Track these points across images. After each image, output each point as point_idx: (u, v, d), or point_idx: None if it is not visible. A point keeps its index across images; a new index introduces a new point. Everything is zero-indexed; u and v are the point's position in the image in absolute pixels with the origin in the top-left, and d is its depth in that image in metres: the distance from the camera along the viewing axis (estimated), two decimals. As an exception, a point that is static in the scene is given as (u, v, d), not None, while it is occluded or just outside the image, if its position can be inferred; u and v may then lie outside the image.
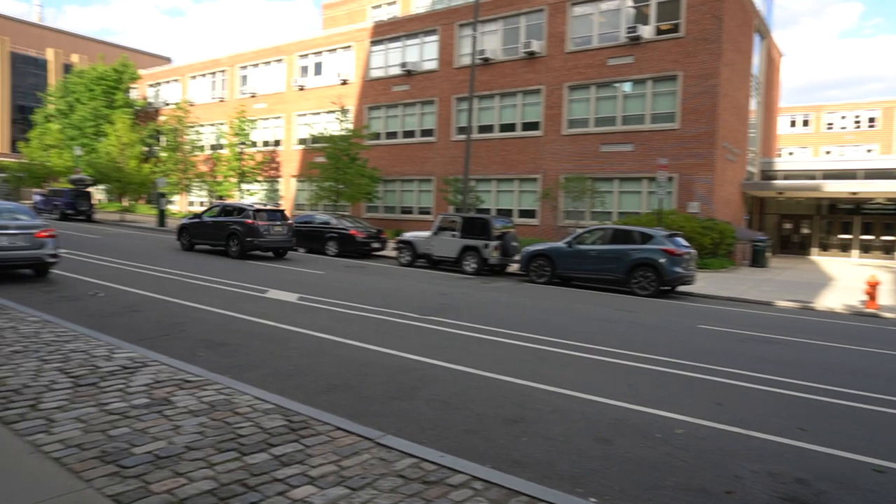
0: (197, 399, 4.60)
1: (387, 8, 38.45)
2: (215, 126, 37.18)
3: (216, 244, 18.25)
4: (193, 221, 19.42)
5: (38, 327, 6.65)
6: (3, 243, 10.39)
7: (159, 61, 62.41)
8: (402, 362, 6.62)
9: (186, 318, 8.29)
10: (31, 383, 4.71)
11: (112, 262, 14.19)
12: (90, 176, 36.23)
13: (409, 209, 29.40)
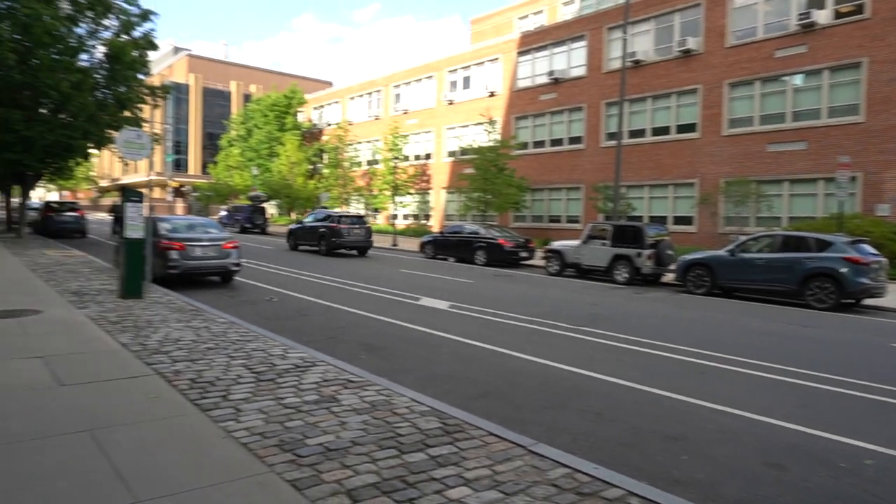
0: (360, 398, 4.92)
1: (533, 18, 38.55)
2: (371, 143, 39.52)
3: (312, 244, 22.35)
4: (297, 227, 24.01)
5: (225, 328, 7.50)
6: (198, 254, 11.86)
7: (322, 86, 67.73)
8: (554, 372, 6.57)
9: (348, 323, 8.89)
10: (222, 377, 5.33)
11: (282, 271, 15.61)
12: (264, 193, 40.25)
13: (557, 218, 29.10)
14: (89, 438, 3.77)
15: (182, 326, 7.46)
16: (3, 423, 3.96)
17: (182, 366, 5.62)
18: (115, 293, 9.80)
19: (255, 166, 45.77)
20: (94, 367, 5.40)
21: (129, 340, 6.55)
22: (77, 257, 16.28)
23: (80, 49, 22.42)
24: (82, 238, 26.63)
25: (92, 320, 7.58)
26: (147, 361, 5.70)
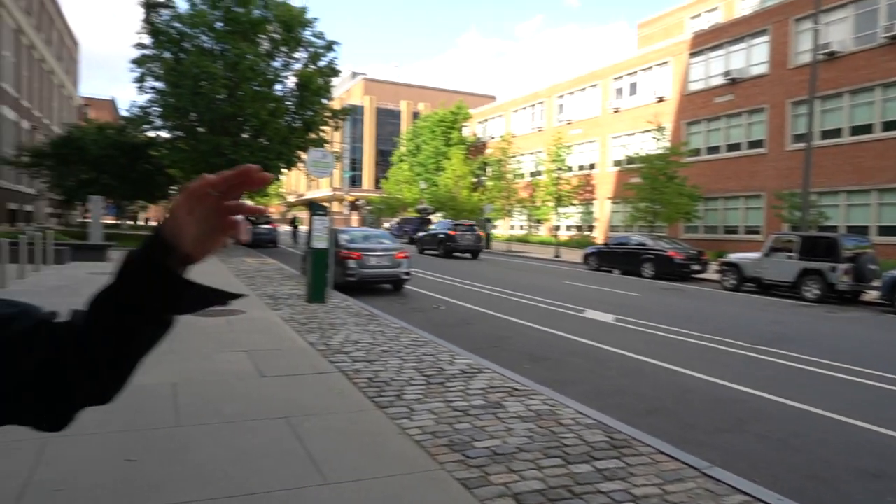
0: (525, 406, 4.99)
1: (707, 16, 36.28)
2: (534, 154, 39.65)
3: (433, 248, 26.45)
4: (423, 234, 28.44)
5: (398, 332, 8.00)
6: (373, 263, 12.76)
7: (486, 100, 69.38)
8: (730, 393, 6.13)
9: (512, 333, 9.03)
10: (396, 378, 5.71)
11: (447, 280, 16.21)
12: (431, 205, 42.09)
13: (733, 229, 26.97)
14: (286, 424, 4.26)
15: (360, 330, 8.09)
16: (219, 406, 4.61)
17: (361, 366, 6.10)
18: (303, 297, 10.87)
19: (423, 180, 48.10)
20: (288, 362, 6.07)
21: (316, 340, 7.24)
22: (271, 265, 18.28)
23: (275, 80, 25.26)
24: (274, 248, 29.80)
25: (284, 321, 8.50)
26: (331, 360, 6.27)
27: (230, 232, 0.80)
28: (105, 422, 4.06)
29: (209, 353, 6.26)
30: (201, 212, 0.75)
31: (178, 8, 24.23)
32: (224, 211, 0.77)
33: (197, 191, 0.75)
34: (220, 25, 23.55)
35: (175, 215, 0.76)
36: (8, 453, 3.45)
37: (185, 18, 23.77)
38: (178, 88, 22.45)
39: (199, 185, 0.75)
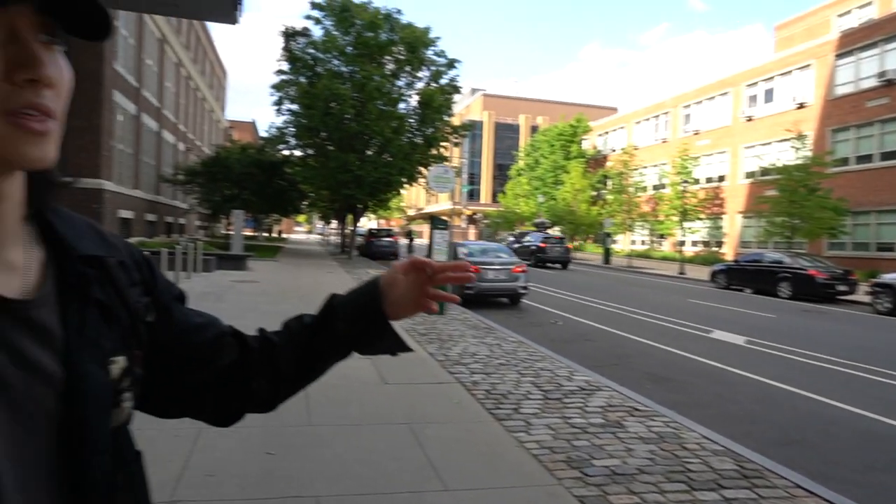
0: (646, 427, 4.84)
1: (857, 13, 33.20)
2: (658, 166, 38.17)
3: (526, 259, 23.78)
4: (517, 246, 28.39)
5: (515, 346, 8.03)
6: (491, 276, 12.89)
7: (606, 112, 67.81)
8: (883, 428, 5.56)
9: (632, 351, 8.75)
10: (513, 391, 5.74)
11: (562, 294, 15.98)
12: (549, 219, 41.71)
13: (888, 246, 24.34)
14: (408, 430, 4.44)
15: (477, 342, 8.21)
16: (346, 408, 4.89)
17: (478, 377, 6.21)
18: (423, 308, 11.19)
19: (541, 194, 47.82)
20: (410, 371, 6.30)
21: (435, 351, 7.45)
22: (392, 276, 18.95)
23: (399, 99, 26.32)
24: (395, 259, 30.92)
25: (405, 331, 8.81)
26: (450, 371, 6.43)
27: (423, 308, 0.96)
28: (247, 419, 4.44)
29: (337, 359, 6.65)
30: (413, 279, 0.93)
31: (313, 35, 26.03)
32: (426, 290, 0.95)
33: (418, 263, 0.93)
34: (351, 49, 24.99)
35: (394, 271, 0.95)
36: (169, 440, 3.89)
37: (318, 45, 25.48)
38: (311, 110, 24.05)
39: (421, 260, 0.94)
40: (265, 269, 19.05)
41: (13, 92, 0.55)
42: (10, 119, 0.55)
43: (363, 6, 25.54)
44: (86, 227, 0.72)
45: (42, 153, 0.58)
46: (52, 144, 0.58)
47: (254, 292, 12.73)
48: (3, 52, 0.54)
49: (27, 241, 0.65)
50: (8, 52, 0.55)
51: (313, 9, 25.85)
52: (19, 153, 0.56)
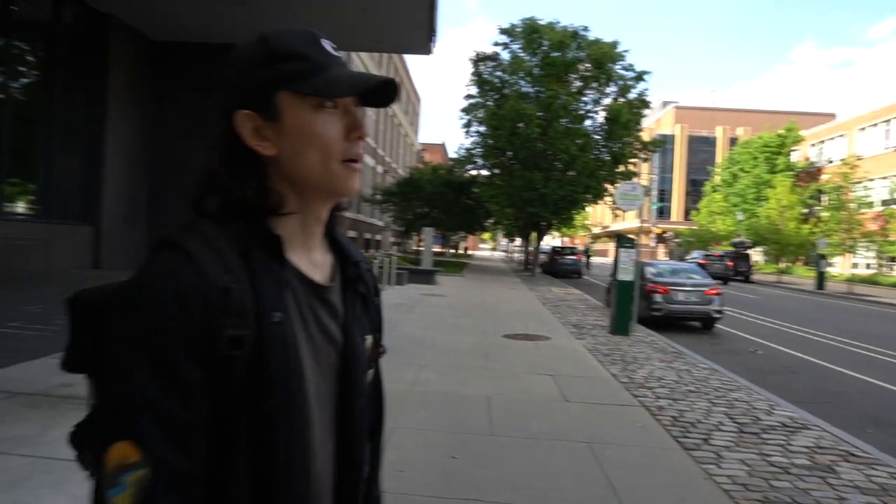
0: (865, 476, 4.27)
1: None
2: (888, 179, 33.09)
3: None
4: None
5: (707, 373, 7.52)
6: (681, 298, 12.19)
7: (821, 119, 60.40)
8: None
9: (848, 388, 7.72)
10: (703, 420, 5.40)
11: (768, 322, 14.50)
12: (749, 239, 38.11)
13: None
14: (588, 449, 4.40)
15: (664, 366, 7.83)
16: (526, 422, 4.99)
17: (664, 403, 5.93)
18: (606, 329, 10.94)
19: (740, 211, 43.89)
20: (591, 390, 6.22)
21: (618, 372, 7.26)
22: (575, 295, 18.75)
23: (585, 117, 26.08)
24: (578, 278, 30.43)
25: (588, 350, 8.69)
26: (633, 393, 6.23)
27: None
28: (434, 422, 4.75)
29: (519, 374, 6.77)
30: None
31: (501, 59, 26.89)
32: None
33: None
34: (537, 70, 25.38)
35: None
36: (366, 434, 4.30)
37: (506, 67, 26.25)
38: (498, 131, 24.81)
39: None
40: (452, 284, 19.93)
41: (348, 146, 0.84)
42: (345, 165, 0.84)
43: (551, 26, 25.84)
44: (351, 243, 1.00)
45: (358, 185, 0.88)
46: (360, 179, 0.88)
47: (441, 305, 13.40)
48: (342, 122, 0.84)
49: (325, 249, 0.93)
50: (345, 121, 0.84)
51: (501, 34, 26.72)
52: (348, 187, 0.86)
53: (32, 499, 2.95)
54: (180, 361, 0.72)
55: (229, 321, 0.74)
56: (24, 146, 13.02)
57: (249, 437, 0.75)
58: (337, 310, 0.90)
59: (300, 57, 0.81)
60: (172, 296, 0.73)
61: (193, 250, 0.76)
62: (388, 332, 4.10)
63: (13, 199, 12.72)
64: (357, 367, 0.90)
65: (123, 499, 0.68)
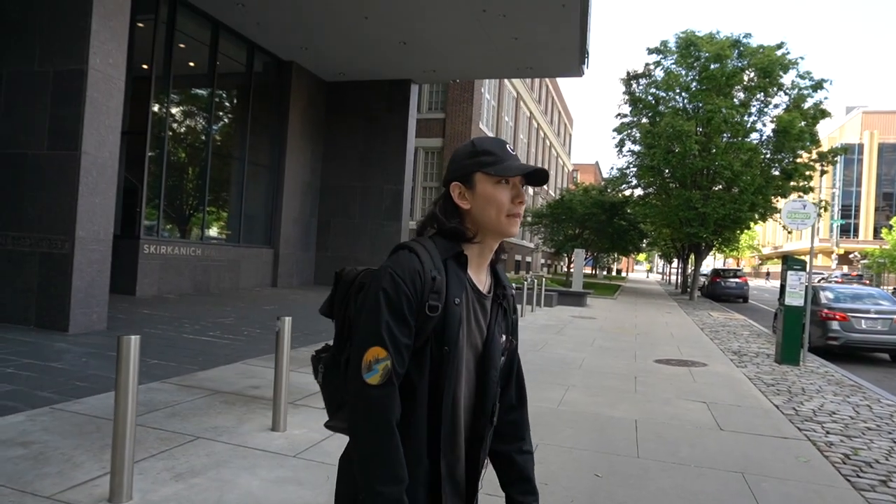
0: None
1: None
2: None
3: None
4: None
5: (892, 411, 6.76)
6: (863, 326, 10.98)
7: None
8: None
9: None
10: (883, 461, 4.92)
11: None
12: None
13: None
14: (741, 478, 4.24)
15: (839, 400, 7.16)
16: (675, 447, 4.90)
17: (835, 439, 5.47)
18: (772, 357, 10.17)
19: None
20: (748, 420, 5.90)
21: (782, 403, 6.78)
22: (738, 320, 17.50)
23: (750, 130, 24.40)
24: (744, 303, 28.23)
25: (748, 379, 8.18)
26: (798, 426, 5.81)
27: None
28: (579, 441, 4.84)
29: (669, 399, 6.60)
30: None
31: (654, 76, 26.09)
32: None
33: None
34: (695, 85, 24.25)
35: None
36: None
37: (660, 84, 25.39)
38: (653, 149, 23.99)
39: None
40: (603, 307, 19.54)
41: (512, 207, 1.35)
42: (509, 218, 1.35)
43: (709, 38, 24.63)
44: (504, 274, 1.51)
45: (517, 231, 1.42)
46: (518, 228, 1.39)
47: (591, 328, 13.27)
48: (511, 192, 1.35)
49: (488, 273, 1.45)
50: (512, 192, 1.36)
51: (650, 54, 25.98)
52: (510, 231, 1.37)
53: (232, 477, 3.54)
54: (405, 311, 1.25)
55: (433, 296, 1.27)
56: (221, 180, 15.08)
57: (431, 365, 1.29)
58: (487, 312, 1.39)
59: (490, 153, 1.35)
60: (410, 273, 1.26)
61: (419, 252, 1.30)
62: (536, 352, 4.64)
63: (210, 225, 14.74)
64: (493, 349, 1.38)
65: (377, 377, 1.22)
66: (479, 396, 1.37)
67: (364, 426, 1.22)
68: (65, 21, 7.72)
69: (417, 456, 1.27)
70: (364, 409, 1.22)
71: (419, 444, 1.28)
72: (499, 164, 1.33)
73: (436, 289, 1.26)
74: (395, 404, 1.23)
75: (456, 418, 1.33)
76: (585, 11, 12.29)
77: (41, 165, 7.75)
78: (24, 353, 6.28)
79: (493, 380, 1.38)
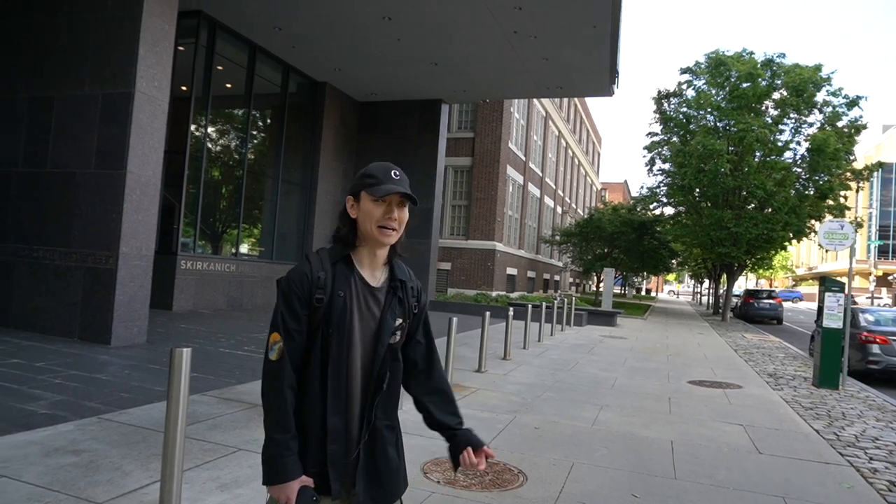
0: None
1: None
2: None
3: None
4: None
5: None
6: (904, 350, 10.68)
7: None
8: None
9: None
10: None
11: None
12: None
13: None
14: (781, 502, 4.18)
15: (882, 426, 6.98)
16: (713, 469, 4.84)
17: (880, 465, 5.34)
18: (809, 380, 9.95)
19: None
20: (787, 444, 5.79)
21: (822, 428, 6.63)
22: (772, 342, 17.15)
23: (783, 149, 24.07)
24: (778, 324, 27.63)
25: (785, 402, 8.02)
26: (840, 452, 5.68)
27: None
28: (615, 461, 4.82)
29: (705, 421, 6.51)
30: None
31: (685, 95, 25.94)
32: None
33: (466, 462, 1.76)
34: (726, 104, 24.05)
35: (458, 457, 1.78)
36: (549, 467, 4.52)
37: (691, 103, 25.24)
38: (684, 168, 23.79)
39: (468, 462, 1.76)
40: (633, 327, 19.33)
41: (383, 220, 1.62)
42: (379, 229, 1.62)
43: (738, 57, 24.48)
44: (405, 269, 1.78)
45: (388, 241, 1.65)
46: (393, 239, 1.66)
47: (622, 348, 13.14)
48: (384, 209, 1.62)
49: (383, 269, 1.72)
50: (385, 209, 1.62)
51: (682, 73, 25.88)
52: (382, 241, 1.64)
53: (275, 489, 3.61)
54: (296, 304, 1.59)
55: (318, 291, 1.60)
56: (255, 198, 15.39)
57: (320, 345, 1.60)
58: (380, 300, 1.68)
59: (373, 177, 1.64)
60: (299, 275, 1.61)
61: (311, 258, 1.65)
62: (567, 371, 4.70)
63: (244, 242, 15.03)
64: (383, 330, 1.66)
65: (275, 355, 1.56)
66: (370, 367, 1.65)
67: (266, 391, 1.58)
68: (115, 47, 8.05)
69: (312, 411, 1.59)
70: (266, 378, 1.59)
71: (314, 402, 1.59)
72: (376, 185, 1.61)
73: (321, 285, 1.59)
74: (287, 374, 1.56)
75: (350, 383, 1.63)
76: (616, 32, 12.37)
77: (88, 184, 8.06)
78: (70, 364, 6.49)
79: (380, 353, 1.65)
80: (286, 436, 1.54)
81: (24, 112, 8.61)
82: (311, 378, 1.60)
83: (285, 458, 1.53)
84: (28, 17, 8.73)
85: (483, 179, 23.08)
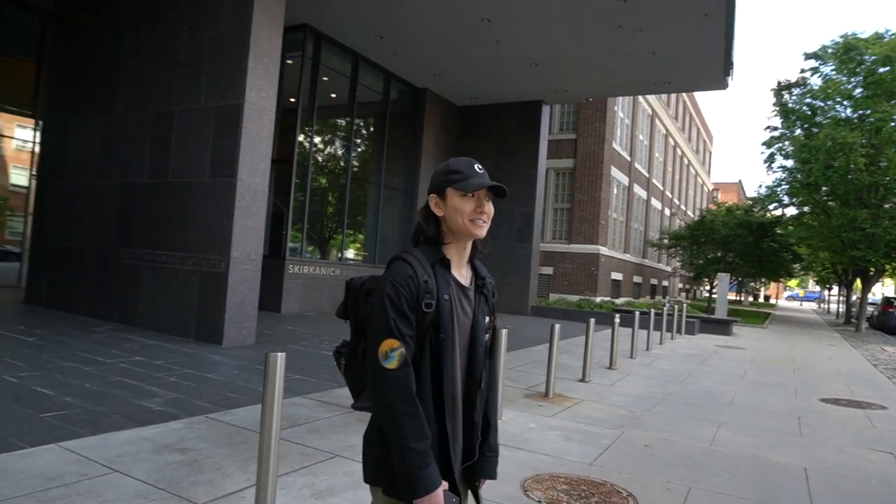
0: None
1: None
2: None
3: None
4: None
5: None
6: None
7: None
8: None
9: None
10: None
11: None
12: None
13: None
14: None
15: None
16: (858, 500, 4.22)
17: None
18: (971, 403, 8.66)
19: None
20: (950, 478, 4.98)
21: None
22: (920, 357, 15.24)
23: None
24: (925, 337, 24.66)
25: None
26: None
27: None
28: (738, 489, 4.31)
29: (843, 446, 5.77)
30: None
31: (810, 84, 23.87)
32: None
33: None
34: (860, 91, 21.84)
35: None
36: (661, 492, 4.12)
37: (817, 93, 23.18)
38: (809, 164, 21.85)
39: None
40: (751, 336, 17.96)
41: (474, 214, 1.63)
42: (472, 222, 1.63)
43: (875, 39, 22.15)
44: (484, 267, 1.78)
45: (481, 233, 1.66)
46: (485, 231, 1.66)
47: (740, 359, 12.17)
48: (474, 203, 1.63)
49: (467, 267, 1.73)
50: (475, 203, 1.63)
51: (806, 59, 23.79)
52: (476, 233, 1.65)
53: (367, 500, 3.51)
54: (406, 309, 1.54)
55: (426, 296, 1.56)
56: (358, 203, 15.77)
57: (431, 349, 1.58)
58: (471, 300, 1.69)
59: (458, 172, 1.64)
60: (405, 279, 1.55)
61: (411, 261, 1.59)
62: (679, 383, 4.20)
63: (348, 246, 15.41)
64: (478, 330, 1.68)
65: (395, 362, 1.50)
66: (469, 368, 1.66)
67: (391, 401, 1.50)
68: (227, 61, 8.46)
69: (427, 422, 1.54)
70: (388, 388, 1.51)
71: (427, 412, 1.56)
72: (464, 181, 1.62)
73: (428, 290, 1.56)
74: (412, 380, 1.53)
75: (454, 389, 1.62)
76: (731, 19, 11.49)
77: (203, 192, 8.50)
78: (185, 363, 6.82)
79: (480, 354, 1.67)
80: (426, 443, 1.51)
81: (150, 126, 9.26)
82: (420, 386, 1.57)
83: (429, 466, 1.51)
84: (152, 39, 9.39)
85: (586, 181, 22.38)
